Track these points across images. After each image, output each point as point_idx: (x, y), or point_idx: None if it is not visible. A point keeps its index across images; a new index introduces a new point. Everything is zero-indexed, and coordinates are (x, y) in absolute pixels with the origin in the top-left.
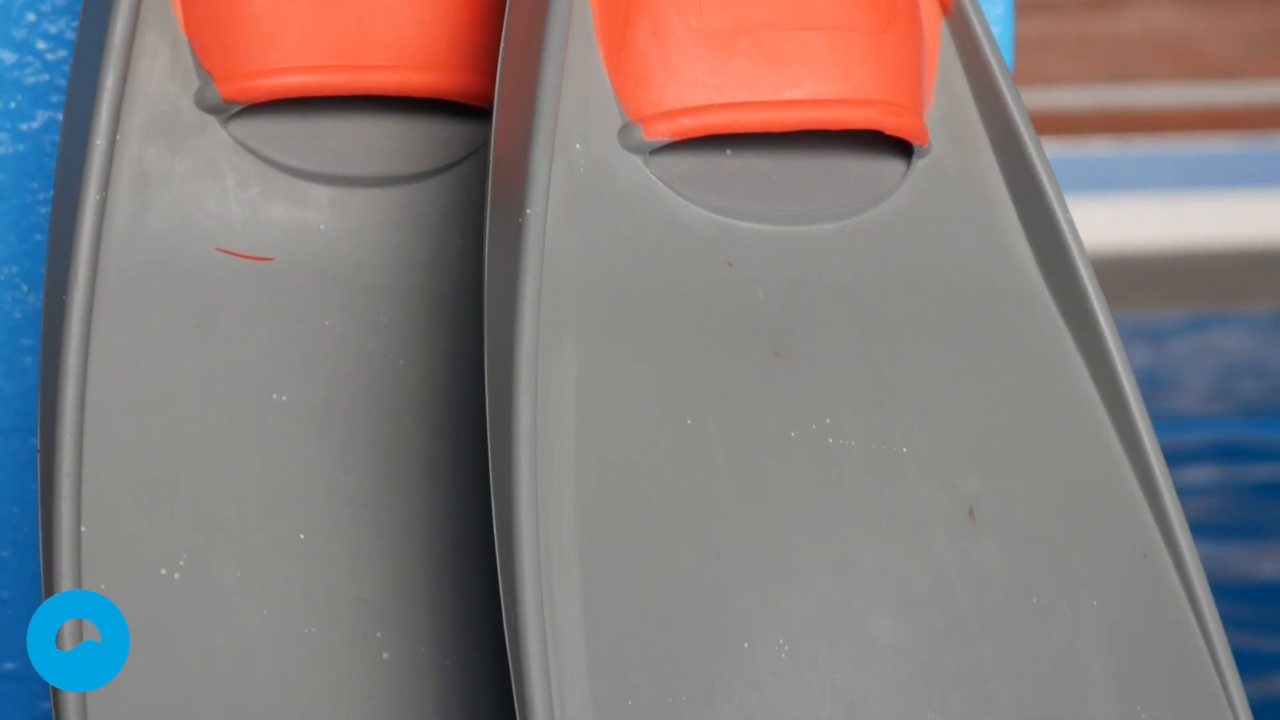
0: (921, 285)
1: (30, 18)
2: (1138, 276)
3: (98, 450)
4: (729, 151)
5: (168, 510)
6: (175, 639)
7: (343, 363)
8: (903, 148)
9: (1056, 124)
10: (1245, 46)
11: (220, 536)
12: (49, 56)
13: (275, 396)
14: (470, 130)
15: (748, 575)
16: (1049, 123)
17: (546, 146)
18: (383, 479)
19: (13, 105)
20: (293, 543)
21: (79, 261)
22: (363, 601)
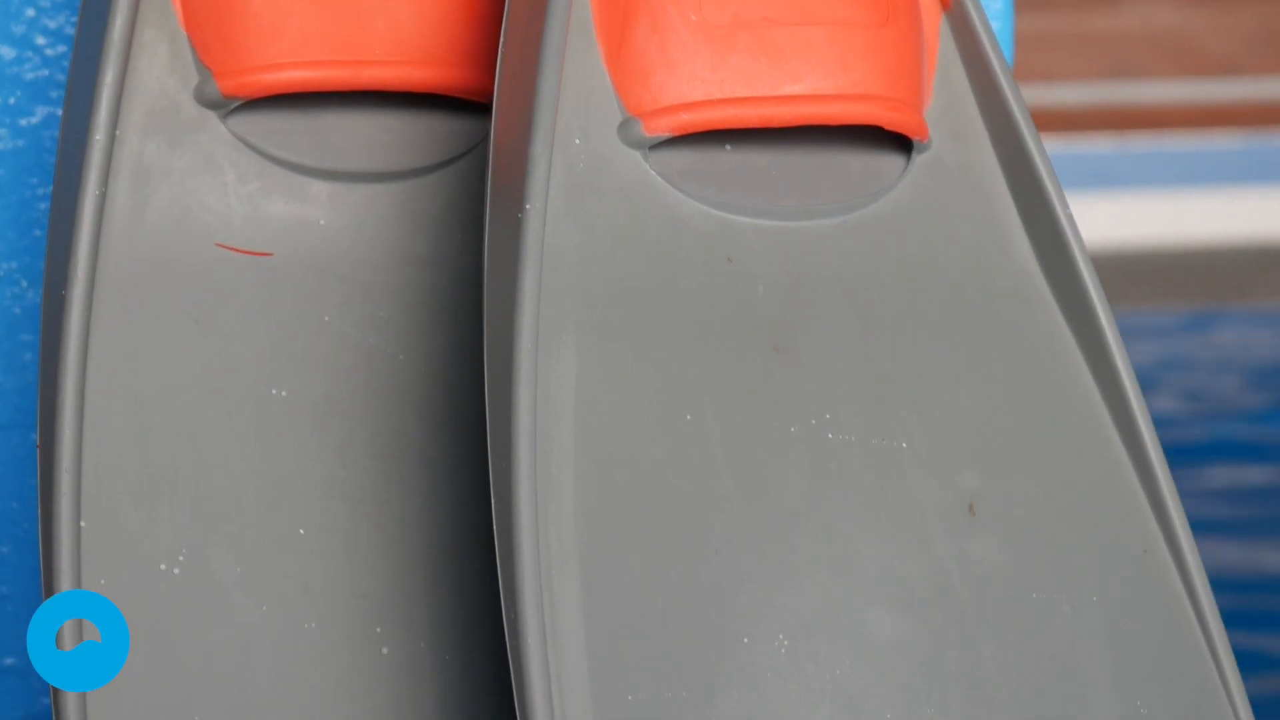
0: (921, 281)
1: (30, 13)
2: (1137, 273)
3: (97, 446)
4: (728, 147)
5: (167, 506)
6: (175, 634)
7: (342, 358)
8: (902, 143)
9: (1056, 121)
10: (1245, 43)
11: (220, 532)
12: (48, 52)
13: (274, 392)
14: (470, 125)
15: (747, 571)
16: (1048, 119)
17: (546, 142)
18: (382, 474)
19: (12, 101)
20: (292, 538)
21: (78, 257)
22: (362, 597)
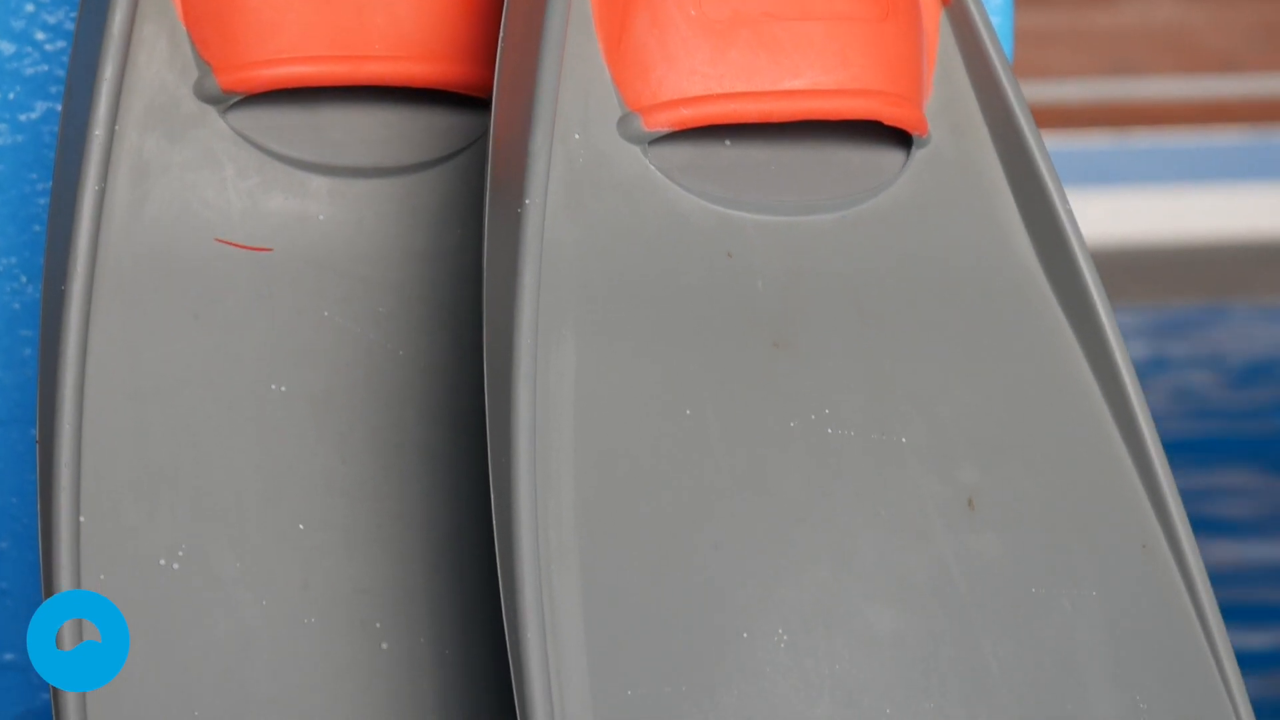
0: (921, 276)
1: (29, 8)
2: (1137, 269)
3: (97, 441)
4: (728, 142)
5: (167, 501)
6: (174, 630)
7: (342, 353)
8: (902, 138)
9: (1055, 117)
10: (1245, 39)
11: (219, 527)
12: (48, 47)
13: (274, 387)
14: (469, 121)
15: (747, 565)
16: (1048, 116)
17: (545, 137)
18: (382, 470)
19: (11, 96)
20: (292, 533)
21: (78, 252)
22: (362, 592)
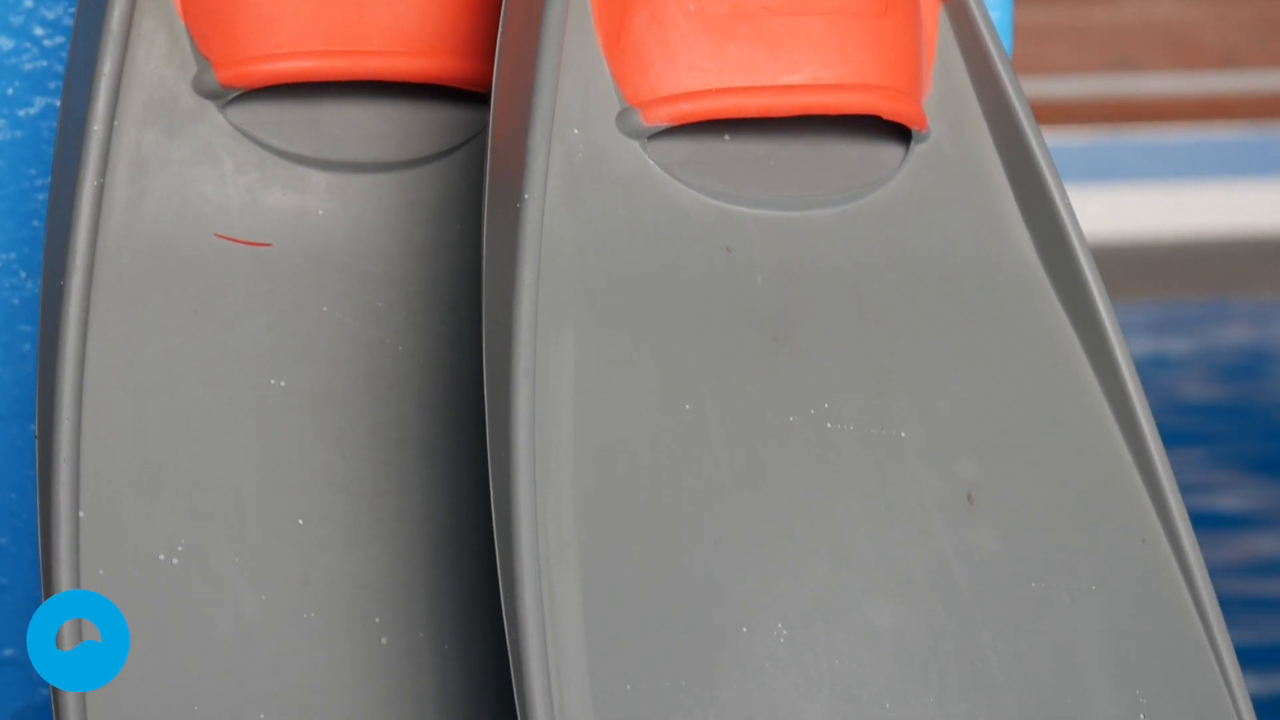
0: (920, 270)
1: (28, 3)
2: (1136, 266)
3: (96, 436)
4: (727, 137)
5: (166, 496)
6: (174, 625)
7: (341, 349)
8: (901, 133)
9: (1055, 113)
10: (1245, 35)
11: (219, 522)
12: (46, 43)
13: (273, 382)
14: (468, 116)
15: (746, 560)
16: (1048, 112)
17: (545, 132)
18: (381, 465)
19: (10, 91)
20: (291, 529)
21: (76, 247)
22: (361, 587)
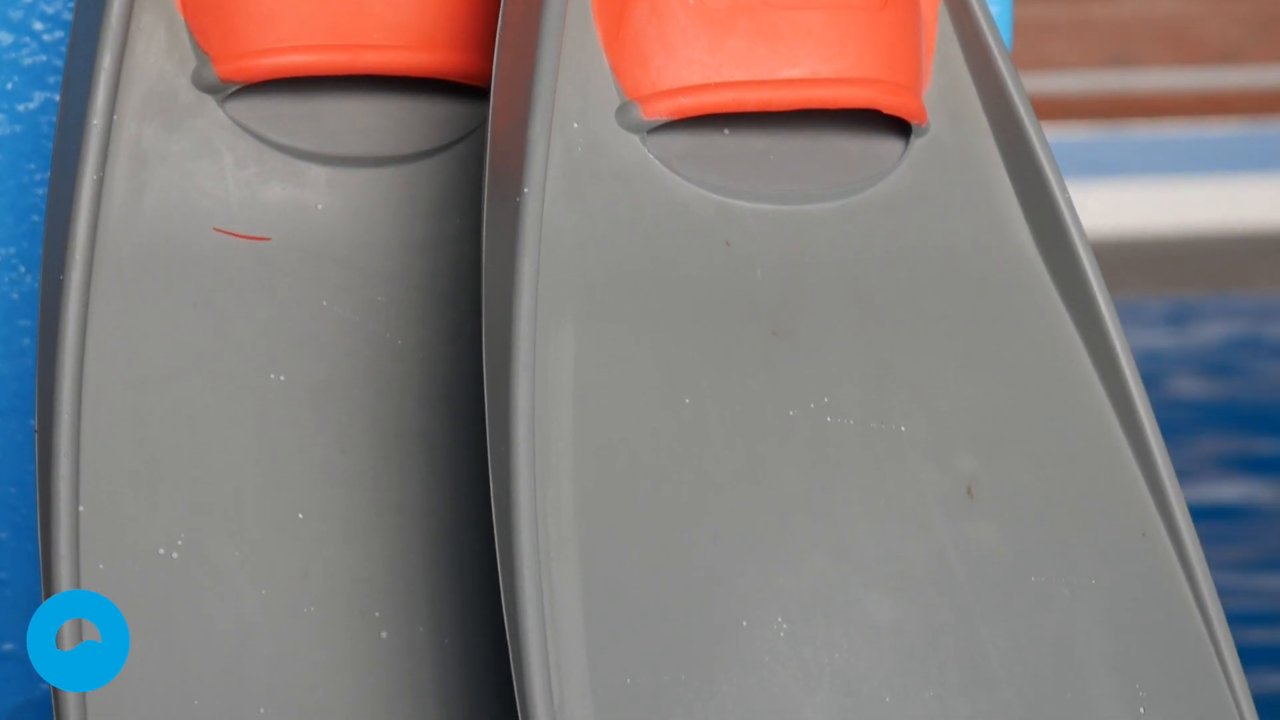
0: (920, 264)
1: None
2: (1135, 261)
3: (95, 431)
4: (727, 131)
5: (166, 491)
6: (173, 619)
7: (340, 343)
8: (901, 127)
9: (1055, 109)
10: (1244, 30)
11: (218, 517)
12: (46, 37)
13: (273, 377)
14: (468, 110)
15: (745, 554)
16: (1047, 107)
17: (544, 126)
18: (381, 459)
19: (10, 86)
20: (291, 523)
21: (76, 242)
22: (361, 581)
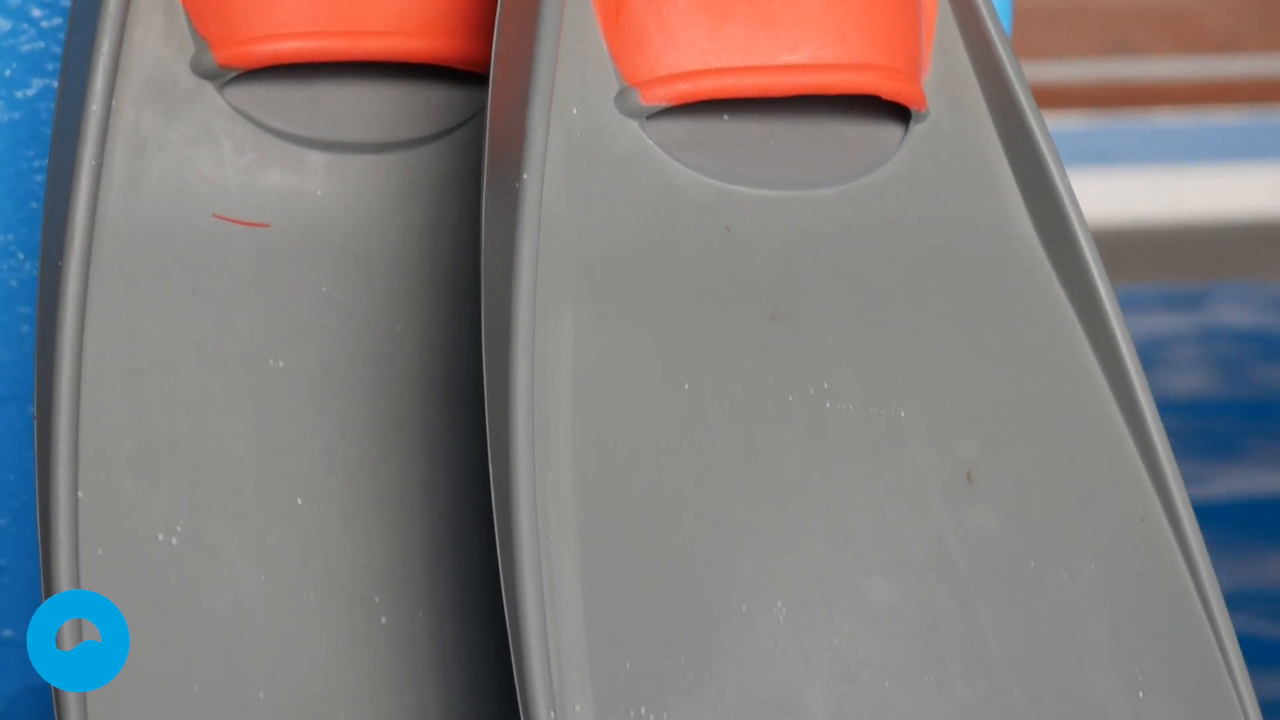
0: (920, 250)
1: None
2: (1135, 249)
3: (94, 417)
4: (726, 116)
5: (165, 476)
6: (172, 605)
7: (340, 329)
8: (900, 112)
9: (1054, 97)
10: (1245, 19)
11: (217, 503)
12: (44, 24)
13: (272, 363)
14: (467, 95)
15: (745, 539)
16: (1047, 96)
17: (543, 111)
18: (380, 445)
19: (8, 73)
20: (290, 509)
21: (75, 228)
22: (360, 567)
